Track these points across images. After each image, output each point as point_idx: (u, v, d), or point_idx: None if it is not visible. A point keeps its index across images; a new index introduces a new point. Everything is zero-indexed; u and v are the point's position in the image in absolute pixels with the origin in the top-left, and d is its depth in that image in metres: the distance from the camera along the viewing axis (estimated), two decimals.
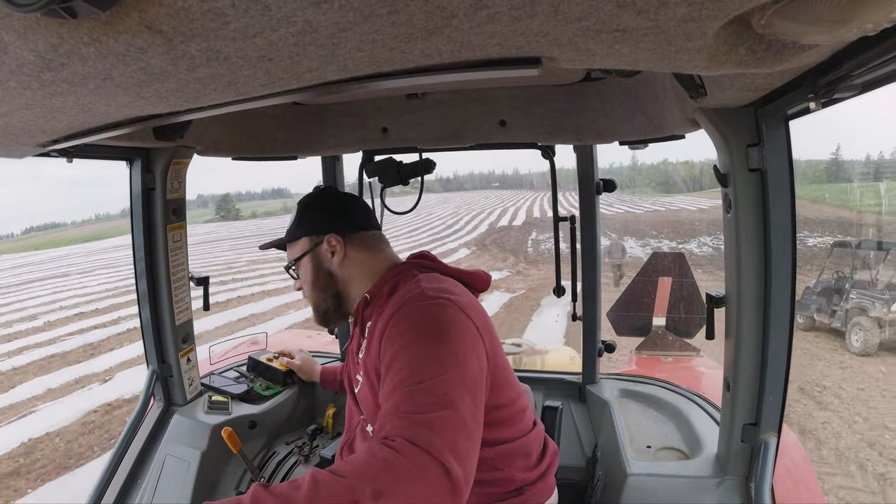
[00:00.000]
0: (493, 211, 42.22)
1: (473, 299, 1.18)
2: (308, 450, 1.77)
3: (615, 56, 0.56)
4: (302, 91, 0.67)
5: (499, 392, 1.13)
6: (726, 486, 1.29)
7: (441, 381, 0.92)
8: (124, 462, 1.64)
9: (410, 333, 1.02)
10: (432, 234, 28.19)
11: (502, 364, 1.17)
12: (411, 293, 1.10)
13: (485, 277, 1.32)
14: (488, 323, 1.14)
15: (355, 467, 0.82)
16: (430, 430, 0.85)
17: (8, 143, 0.87)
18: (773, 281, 1.11)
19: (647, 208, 36.89)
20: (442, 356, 0.96)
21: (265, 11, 0.42)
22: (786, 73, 0.75)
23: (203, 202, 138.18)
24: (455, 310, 1.06)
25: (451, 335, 1.00)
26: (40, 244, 61.90)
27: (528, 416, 1.26)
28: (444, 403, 0.89)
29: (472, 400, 0.94)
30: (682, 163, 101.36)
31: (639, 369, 2.79)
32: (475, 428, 0.92)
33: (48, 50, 0.47)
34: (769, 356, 1.15)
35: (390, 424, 0.88)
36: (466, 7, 0.43)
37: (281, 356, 2.02)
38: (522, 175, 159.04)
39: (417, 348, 0.99)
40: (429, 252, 1.32)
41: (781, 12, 0.45)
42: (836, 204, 31.88)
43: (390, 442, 0.84)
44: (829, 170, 73.79)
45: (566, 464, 1.73)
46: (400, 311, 1.06)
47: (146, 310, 1.68)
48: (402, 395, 0.92)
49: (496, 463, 1.14)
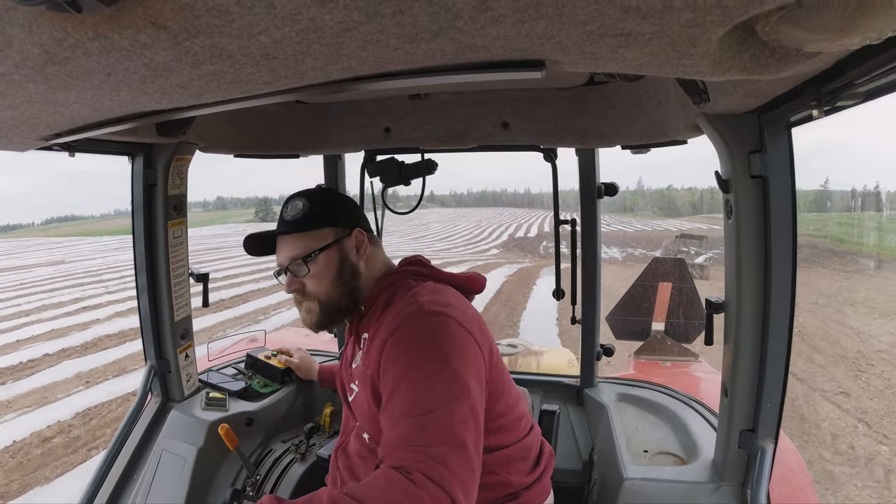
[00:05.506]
0: (510, 226, 52.59)
1: (470, 307, 1.17)
2: (305, 448, 1.77)
3: (619, 60, 0.56)
4: (305, 90, 0.67)
5: (498, 400, 1.13)
6: (723, 491, 1.29)
7: (449, 411, 0.95)
8: (120, 457, 1.64)
9: (412, 354, 1.01)
10: (465, 240, 36.30)
11: (500, 371, 1.17)
12: (409, 308, 1.08)
13: (479, 280, 1.31)
14: (486, 331, 1.14)
15: (375, 494, 0.86)
16: (445, 466, 0.90)
17: (11, 136, 0.87)
18: (773, 288, 1.11)
19: (638, 228, 46.84)
20: (447, 381, 0.98)
21: (270, 9, 0.42)
22: (789, 80, 0.75)
23: (240, 203, 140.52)
24: (455, 326, 1.05)
25: (454, 356, 1.01)
26: (68, 233, 63.30)
27: (526, 420, 1.26)
28: (454, 438, 0.93)
29: (475, 429, 0.98)
30: (686, 189, 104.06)
31: (637, 373, 2.79)
32: (477, 459, 0.96)
33: (52, 44, 0.47)
34: (767, 363, 1.15)
35: (402, 454, 0.92)
36: (471, 9, 0.43)
37: (279, 354, 2.02)
38: (534, 195, 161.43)
39: (421, 372, 0.99)
40: (422, 257, 1.30)
41: (786, 19, 0.45)
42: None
43: (407, 474, 0.88)
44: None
45: (562, 467, 1.73)
46: (400, 328, 1.05)
47: (145, 305, 1.68)
48: (410, 425, 0.94)
49: (494, 468, 1.14)
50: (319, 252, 1.19)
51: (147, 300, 1.67)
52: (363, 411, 1.17)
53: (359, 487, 0.89)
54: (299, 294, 1.22)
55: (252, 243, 1.27)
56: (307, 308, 1.22)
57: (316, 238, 1.20)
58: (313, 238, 1.20)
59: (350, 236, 1.22)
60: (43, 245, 40.45)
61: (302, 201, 1.22)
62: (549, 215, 62.47)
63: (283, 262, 1.22)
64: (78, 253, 30.37)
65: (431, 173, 1.71)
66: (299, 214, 1.21)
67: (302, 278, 1.20)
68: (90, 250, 32.57)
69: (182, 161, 1.60)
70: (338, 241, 1.21)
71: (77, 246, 37.82)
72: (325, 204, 1.23)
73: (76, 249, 33.81)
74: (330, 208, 1.24)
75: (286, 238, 1.22)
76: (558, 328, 8.81)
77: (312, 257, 1.19)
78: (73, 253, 30.51)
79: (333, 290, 1.20)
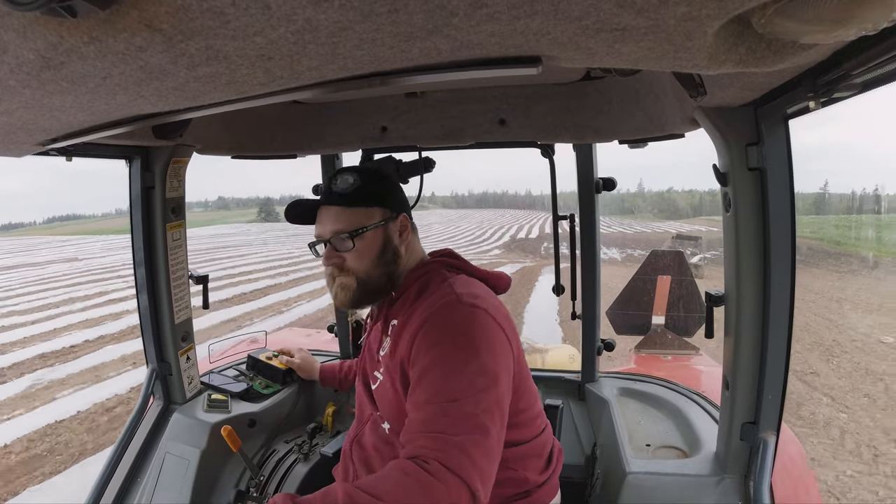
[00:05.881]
0: (512, 227, 52.57)
1: (500, 304, 1.17)
2: (308, 448, 1.77)
3: (615, 55, 0.56)
4: (301, 90, 0.67)
5: (521, 396, 1.14)
6: (725, 484, 1.29)
7: (474, 401, 0.94)
8: (124, 460, 1.64)
9: (444, 343, 1.01)
10: (468, 240, 36.65)
11: (523, 367, 1.17)
12: (445, 298, 1.08)
13: (506, 279, 1.30)
14: (514, 327, 1.14)
15: (391, 488, 0.85)
16: (464, 454, 0.88)
17: (7, 142, 0.87)
18: (773, 280, 1.11)
19: (637, 230, 47.31)
20: (475, 372, 0.97)
21: (265, 10, 0.42)
22: (785, 72, 0.75)
23: (241, 203, 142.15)
24: (488, 318, 1.05)
25: (484, 348, 1.00)
26: (71, 232, 63.99)
27: (542, 418, 1.27)
28: (476, 426, 0.92)
29: (500, 420, 0.97)
30: (686, 191, 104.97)
31: (638, 368, 2.80)
32: (498, 449, 0.95)
33: (48, 49, 0.47)
34: (768, 355, 1.15)
35: (422, 441, 0.91)
36: (466, 6, 0.43)
37: (280, 354, 2.02)
38: (535, 196, 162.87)
39: (451, 361, 0.99)
40: (454, 251, 1.29)
41: (781, 11, 0.45)
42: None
43: (424, 464, 0.87)
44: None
45: (565, 462, 1.73)
46: (433, 317, 1.05)
47: (145, 308, 1.68)
48: (434, 411, 0.93)
49: (512, 463, 1.14)
50: (367, 230, 1.16)
51: (147, 303, 1.67)
52: (387, 399, 1.16)
53: (373, 480, 0.88)
54: (337, 269, 1.19)
55: (294, 210, 1.25)
56: (343, 284, 1.19)
57: (365, 215, 1.18)
58: (362, 215, 1.17)
59: (396, 220, 1.21)
60: (49, 243, 41.15)
61: (353, 175, 1.19)
62: (550, 216, 64.50)
63: (325, 234, 1.19)
64: (88, 251, 31.19)
65: (429, 171, 1.70)
66: (350, 189, 1.17)
67: (343, 253, 1.17)
68: (99, 248, 33.59)
69: (179, 163, 1.60)
70: (385, 222, 1.19)
71: (85, 244, 38.62)
72: (377, 182, 1.22)
73: (85, 247, 34.60)
74: (382, 188, 1.22)
75: (332, 210, 1.19)
76: (559, 318, 9.33)
77: (360, 233, 1.16)
78: (84, 251, 31.26)
79: (374, 269, 1.18)
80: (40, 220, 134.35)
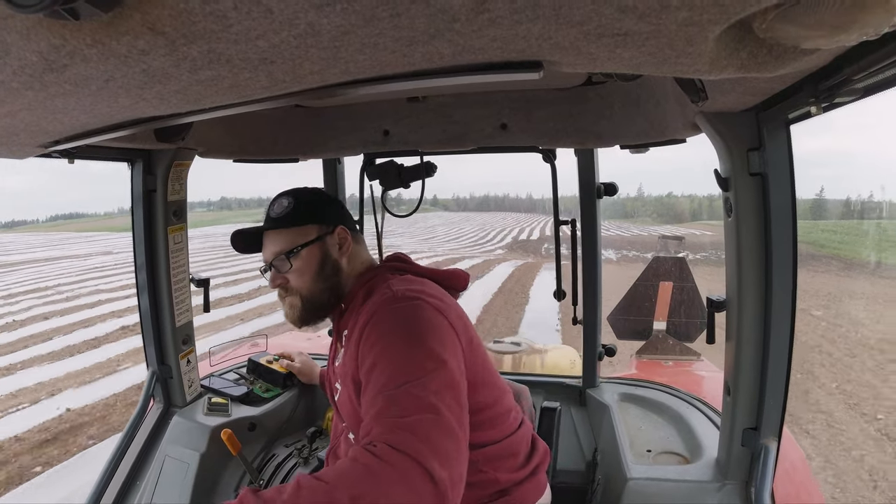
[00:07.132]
0: (514, 229, 54.78)
1: (450, 299, 1.16)
2: (307, 452, 1.77)
3: (616, 60, 0.56)
4: (303, 94, 0.67)
5: (478, 392, 1.11)
6: (727, 490, 1.28)
7: (422, 383, 0.90)
8: (123, 463, 1.64)
9: (387, 337, 1.00)
10: (471, 242, 37.76)
11: (482, 362, 1.15)
12: (384, 297, 1.09)
13: (463, 276, 1.30)
14: (466, 323, 1.13)
15: (337, 473, 0.81)
16: (413, 433, 0.84)
17: (10, 144, 0.87)
18: (774, 285, 1.11)
19: (634, 233, 48.87)
20: (421, 357, 0.95)
21: (267, 14, 0.42)
22: (787, 77, 0.76)
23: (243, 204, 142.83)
24: (430, 310, 1.05)
25: (428, 335, 0.99)
26: (75, 229, 64.69)
27: (514, 416, 1.25)
28: (426, 406, 0.88)
29: (455, 401, 0.93)
30: (686, 196, 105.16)
31: (639, 373, 2.79)
32: (460, 431, 0.90)
33: (50, 51, 0.47)
34: (770, 360, 1.15)
35: (374, 430, 0.87)
36: (468, 11, 0.43)
37: (281, 358, 2.01)
38: (535, 200, 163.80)
39: (395, 351, 0.97)
40: (403, 254, 1.31)
41: (783, 16, 0.45)
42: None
43: (372, 447, 0.83)
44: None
45: (566, 468, 1.73)
46: (374, 316, 1.05)
47: (146, 311, 1.68)
48: (384, 401, 0.90)
49: (480, 465, 1.13)
50: (302, 248, 1.21)
51: (148, 306, 1.67)
52: (347, 410, 1.16)
53: (327, 469, 0.85)
54: (283, 289, 1.24)
55: (238, 239, 1.29)
56: (290, 303, 1.24)
57: (299, 234, 1.22)
58: (297, 234, 1.22)
59: (333, 233, 1.24)
60: (67, 240, 43.86)
61: (288, 199, 1.24)
62: (550, 219, 64.84)
63: (268, 257, 1.24)
64: (117, 245, 32.95)
65: (431, 175, 1.70)
66: (284, 212, 1.23)
67: (285, 273, 1.22)
68: (125, 244, 36.00)
69: (181, 167, 1.60)
70: (321, 238, 1.23)
71: (110, 240, 40.80)
72: (310, 202, 1.26)
73: (110, 243, 36.67)
74: (314, 206, 1.26)
75: (271, 234, 1.24)
76: (559, 305, 9.94)
77: (295, 252, 1.21)
78: (114, 245, 33.20)
79: (315, 286, 1.22)
80: (43, 218, 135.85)
